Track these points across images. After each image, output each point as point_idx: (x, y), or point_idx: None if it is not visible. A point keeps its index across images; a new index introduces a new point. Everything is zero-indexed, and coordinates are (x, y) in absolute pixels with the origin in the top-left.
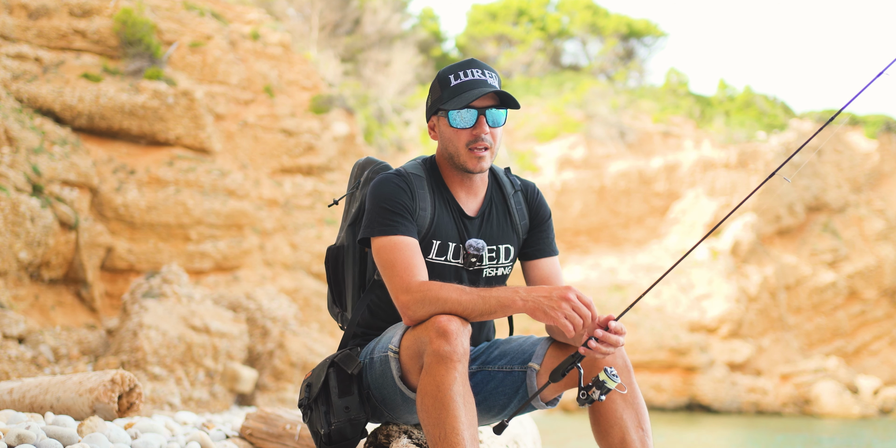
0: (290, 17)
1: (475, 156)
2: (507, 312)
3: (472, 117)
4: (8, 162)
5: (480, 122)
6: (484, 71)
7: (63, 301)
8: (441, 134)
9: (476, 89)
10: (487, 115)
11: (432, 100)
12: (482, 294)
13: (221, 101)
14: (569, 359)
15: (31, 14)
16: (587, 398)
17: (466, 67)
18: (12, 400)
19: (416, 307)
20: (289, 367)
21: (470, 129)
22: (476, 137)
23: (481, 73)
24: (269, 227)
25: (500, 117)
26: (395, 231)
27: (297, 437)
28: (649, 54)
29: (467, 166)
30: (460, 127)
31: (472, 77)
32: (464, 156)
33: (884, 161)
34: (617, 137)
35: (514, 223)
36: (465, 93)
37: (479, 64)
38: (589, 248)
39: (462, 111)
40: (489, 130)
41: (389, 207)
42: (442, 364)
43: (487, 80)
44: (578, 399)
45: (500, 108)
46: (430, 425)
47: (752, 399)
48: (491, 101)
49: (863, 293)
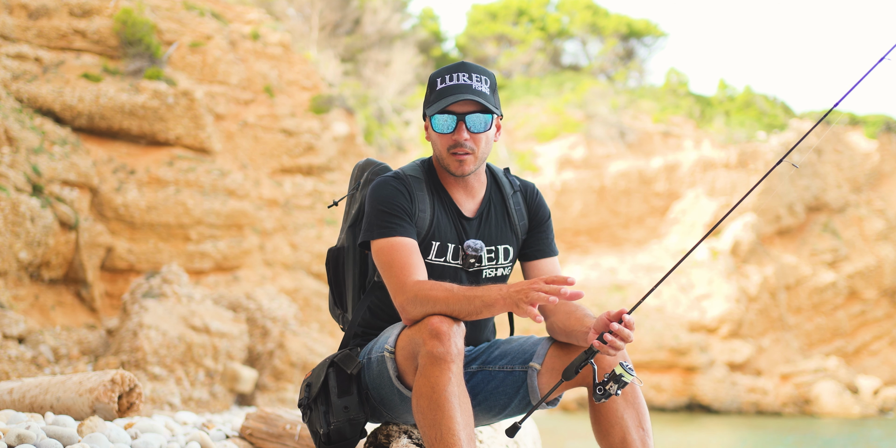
0: (290, 17)
1: (456, 159)
2: (492, 311)
3: (452, 123)
4: (8, 162)
5: (460, 128)
6: (472, 75)
7: (63, 301)
8: (430, 137)
9: (454, 95)
10: (468, 120)
11: (424, 101)
12: (468, 293)
13: (221, 101)
14: (582, 355)
15: (31, 14)
16: (604, 393)
17: (454, 71)
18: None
19: (410, 307)
20: (289, 367)
21: (450, 135)
22: (455, 143)
23: (467, 78)
24: (269, 227)
25: (482, 123)
26: (393, 233)
27: (297, 437)
28: (649, 54)
29: (450, 169)
30: (441, 132)
31: (457, 81)
32: (446, 159)
33: (884, 161)
34: (617, 137)
35: (512, 224)
36: (444, 98)
37: (470, 67)
38: (589, 248)
39: (443, 116)
40: (469, 136)
41: (387, 210)
42: (436, 365)
43: (472, 85)
44: (594, 395)
45: (484, 112)
46: (426, 426)
47: (752, 399)
48: (473, 106)
49: (863, 293)
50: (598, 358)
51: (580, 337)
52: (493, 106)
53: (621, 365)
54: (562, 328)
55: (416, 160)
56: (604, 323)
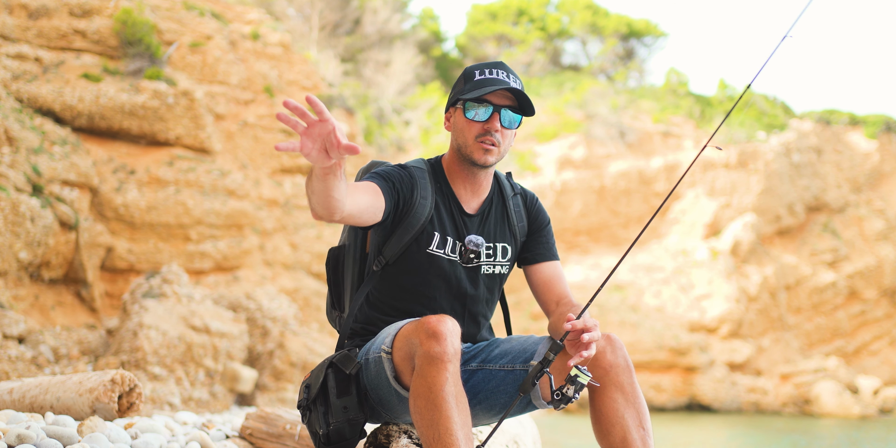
0: (290, 17)
1: (483, 148)
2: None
3: (487, 112)
4: (8, 162)
5: (494, 118)
6: (510, 74)
7: (63, 301)
8: (455, 124)
9: (495, 85)
10: (503, 113)
11: (454, 92)
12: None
13: (221, 101)
14: (536, 367)
15: (31, 14)
16: (562, 398)
17: (494, 67)
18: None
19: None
20: (289, 367)
21: (482, 123)
22: (486, 131)
23: (506, 75)
24: (269, 227)
25: (515, 120)
26: (369, 179)
27: (297, 437)
28: (649, 54)
29: (473, 157)
30: (474, 119)
31: (497, 76)
32: (472, 146)
33: (884, 161)
34: (617, 137)
35: (511, 224)
36: (485, 87)
37: (507, 68)
38: (589, 248)
39: (480, 104)
40: (500, 128)
41: (381, 173)
42: (433, 365)
43: (510, 83)
44: (552, 401)
45: (517, 111)
46: (424, 427)
47: (752, 399)
48: (509, 101)
49: (863, 293)
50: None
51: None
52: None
53: (576, 367)
54: (556, 329)
55: (420, 158)
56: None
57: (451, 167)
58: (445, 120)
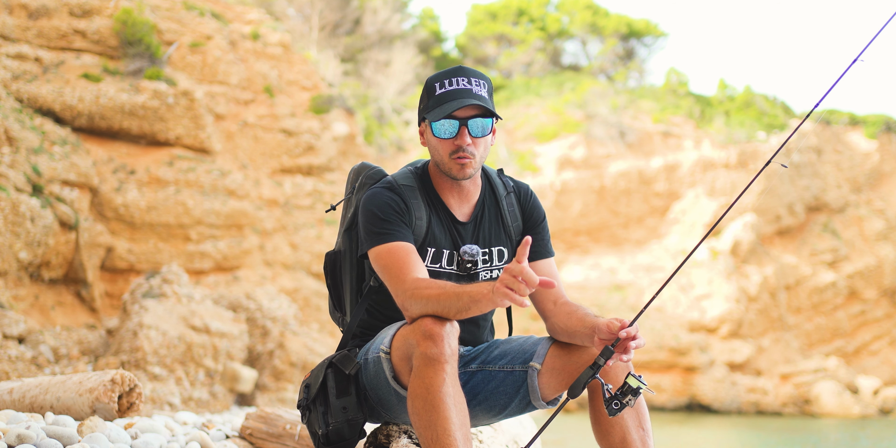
0: (290, 17)
1: (458, 164)
2: (480, 306)
3: (454, 128)
4: (8, 162)
5: (462, 133)
6: (471, 79)
7: (63, 301)
8: (428, 141)
9: (457, 100)
10: (470, 125)
11: (420, 107)
12: (457, 290)
13: (221, 101)
14: (588, 371)
15: (31, 14)
16: (621, 407)
17: (452, 75)
18: (12, 400)
19: (409, 305)
20: (289, 366)
21: (452, 140)
22: (458, 148)
23: (467, 82)
24: (269, 227)
25: (486, 125)
26: (390, 238)
27: (297, 437)
28: (649, 54)
29: (452, 173)
30: (443, 137)
31: (457, 86)
32: (448, 164)
33: (884, 161)
34: (617, 137)
35: (505, 226)
36: (446, 103)
37: (467, 71)
38: (589, 248)
39: (444, 122)
40: (471, 141)
41: (382, 216)
42: (430, 366)
43: (472, 90)
44: (609, 409)
45: (485, 116)
46: (422, 428)
47: (752, 399)
48: (474, 110)
49: (863, 293)
50: (603, 371)
51: (582, 338)
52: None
53: (634, 376)
54: (563, 329)
55: (408, 166)
56: (606, 333)
57: (436, 178)
58: (420, 135)
